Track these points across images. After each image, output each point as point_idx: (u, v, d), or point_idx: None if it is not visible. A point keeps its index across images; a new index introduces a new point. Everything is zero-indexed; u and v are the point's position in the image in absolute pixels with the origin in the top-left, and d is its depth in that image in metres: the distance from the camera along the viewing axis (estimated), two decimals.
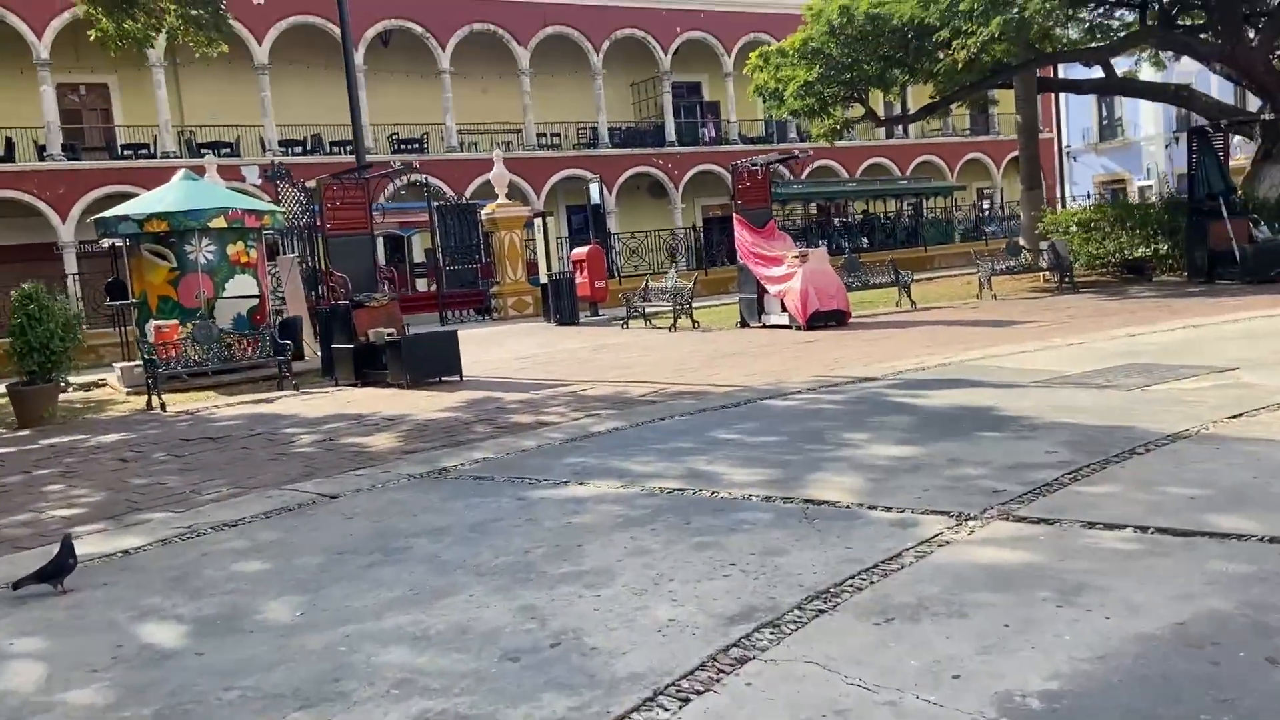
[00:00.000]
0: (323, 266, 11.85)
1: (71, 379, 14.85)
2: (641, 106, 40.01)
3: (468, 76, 34.92)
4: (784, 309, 14.78)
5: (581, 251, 20.01)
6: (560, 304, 18.38)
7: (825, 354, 11.32)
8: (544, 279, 19.28)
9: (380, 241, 28.75)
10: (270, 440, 8.44)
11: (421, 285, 27.14)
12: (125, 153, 29.25)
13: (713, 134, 40.42)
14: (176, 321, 13.50)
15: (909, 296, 16.48)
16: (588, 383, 10.44)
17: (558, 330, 17.94)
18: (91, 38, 14.69)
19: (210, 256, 13.92)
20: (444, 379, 11.46)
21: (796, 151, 15.00)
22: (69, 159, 28.08)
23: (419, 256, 29.87)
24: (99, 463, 8.02)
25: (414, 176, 23.18)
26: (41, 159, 27.68)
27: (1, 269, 24.40)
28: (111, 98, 30.59)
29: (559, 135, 36.65)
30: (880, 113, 22.90)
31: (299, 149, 31.96)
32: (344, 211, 11.91)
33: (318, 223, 20.23)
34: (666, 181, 38.14)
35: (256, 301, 14.17)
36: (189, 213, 13.57)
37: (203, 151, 29.74)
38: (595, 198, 23.21)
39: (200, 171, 21.49)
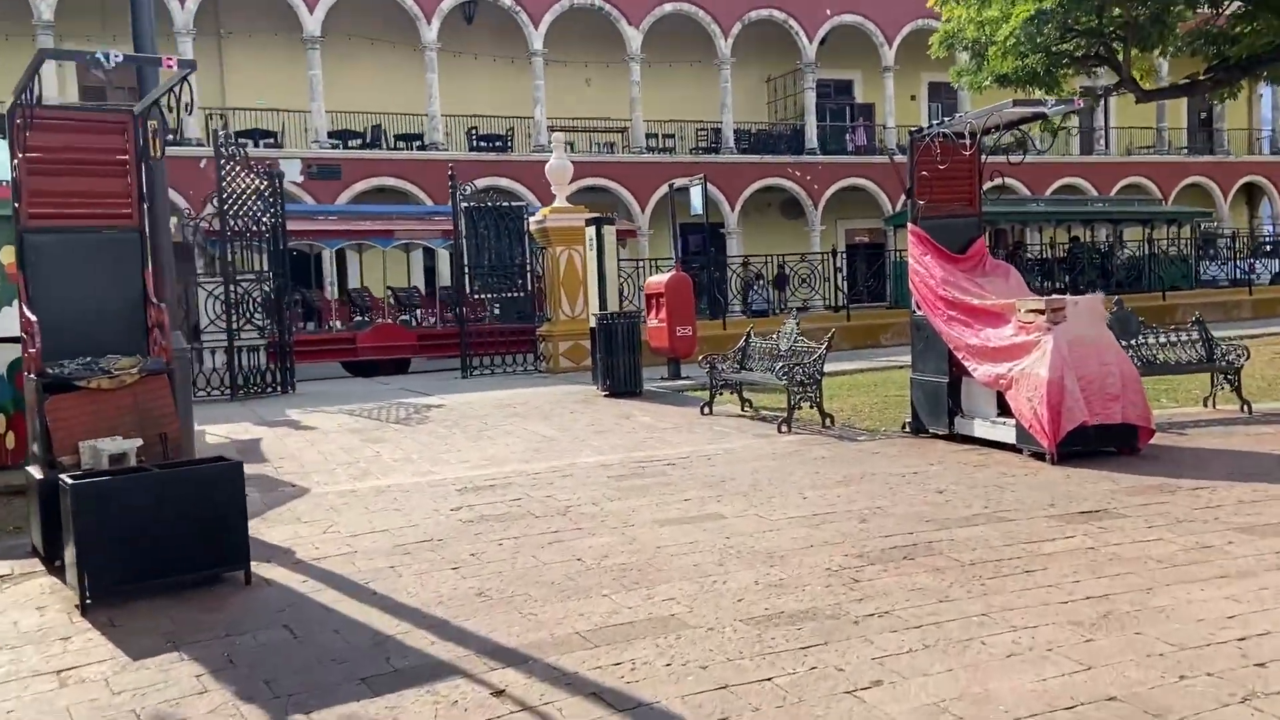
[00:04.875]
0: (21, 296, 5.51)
1: None
2: (777, 106, 33.03)
3: (567, 64, 28.83)
4: (1002, 411, 7.60)
5: (659, 281, 13.24)
6: (613, 362, 11.64)
7: (1198, 594, 4.08)
8: (593, 320, 12.57)
9: (427, 255, 22.72)
10: None
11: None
12: None
13: (863, 141, 33.03)
14: None
15: (1233, 387, 8.94)
16: (527, 673, 3.61)
17: (599, 408, 11.15)
18: None
19: None
20: (220, 572, 4.85)
21: (1050, 105, 7.72)
22: None
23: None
24: None
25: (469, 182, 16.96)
26: None
27: None
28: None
29: (673, 137, 30.07)
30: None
31: (356, 141, 26.47)
32: (65, 178, 5.50)
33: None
34: (804, 197, 31.01)
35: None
36: None
37: (242, 141, 24.62)
38: (696, 206, 16.43)
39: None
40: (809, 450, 7.98)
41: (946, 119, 8.12)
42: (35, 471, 5.30)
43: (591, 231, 12.77)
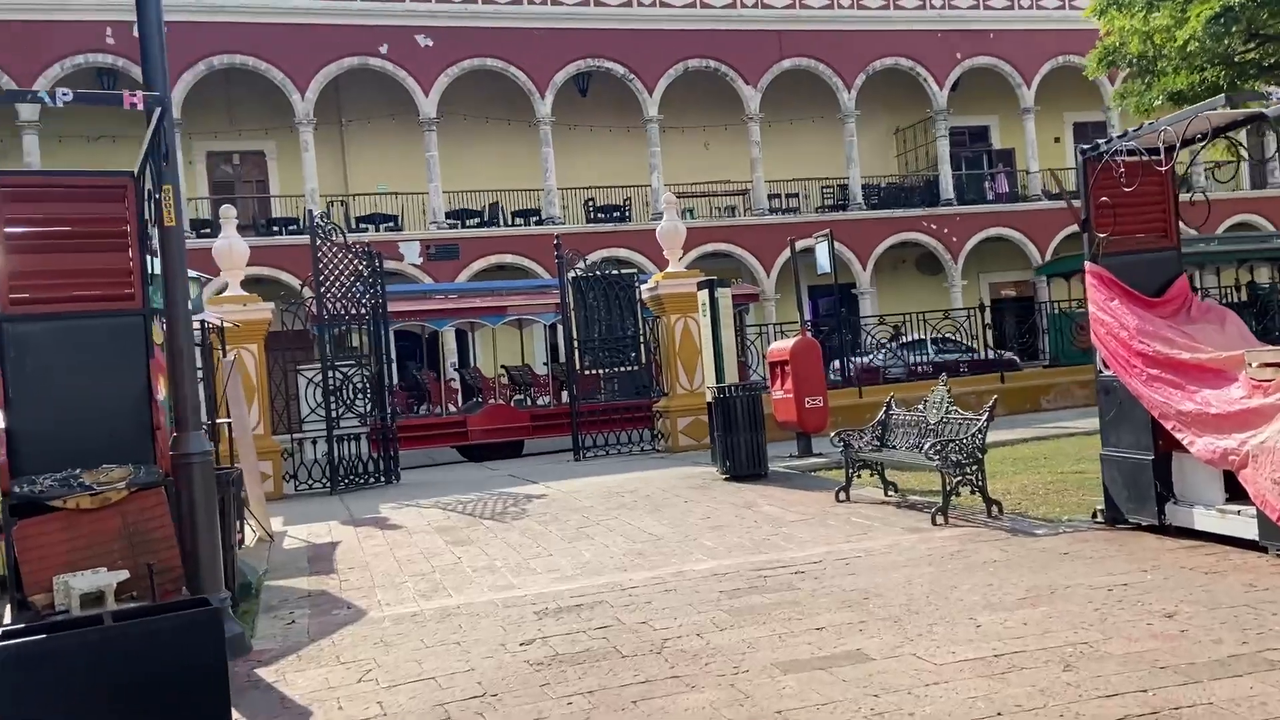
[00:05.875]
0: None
1: None
2: (908, 158, 31.35)
3: (684, 130, 28.10)
4: (1233, 495, 5.84)
5: (783, 347, 11.83)
6: (733, 440, 10.25)
7: None
8: (709, 394, 11.23)
9: (545, 331, 21.93)
10: None
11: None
12: (274, 229, 24.84)
13: (1004, 189, 30.89)
14: None
15: None
16: None
17: (716, 495, 9.75)
18: None
19: None
20: None
21: (1275, 99, 6.06)
22: (197, 236, 23.79)
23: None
24: None
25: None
26: None
27: None
28: (268, 167, 26.53)
29: (796, 196, 28.76)
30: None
31: (473, 220, 26.30)
32: (52, 255, 4.64)
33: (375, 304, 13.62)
34: (941, 251, 29.04)
35: None
36: None
37: (363, 226, 24.79)
38: (823, 264, 15.03)
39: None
40: (975, 550, 6.36)
41: (1130, 130, 6.52)
42: (6, 615, 4.33)
43: (704, 295, 11.53)
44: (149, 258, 4.90)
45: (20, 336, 4.58)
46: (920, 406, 8.30)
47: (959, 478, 7.29)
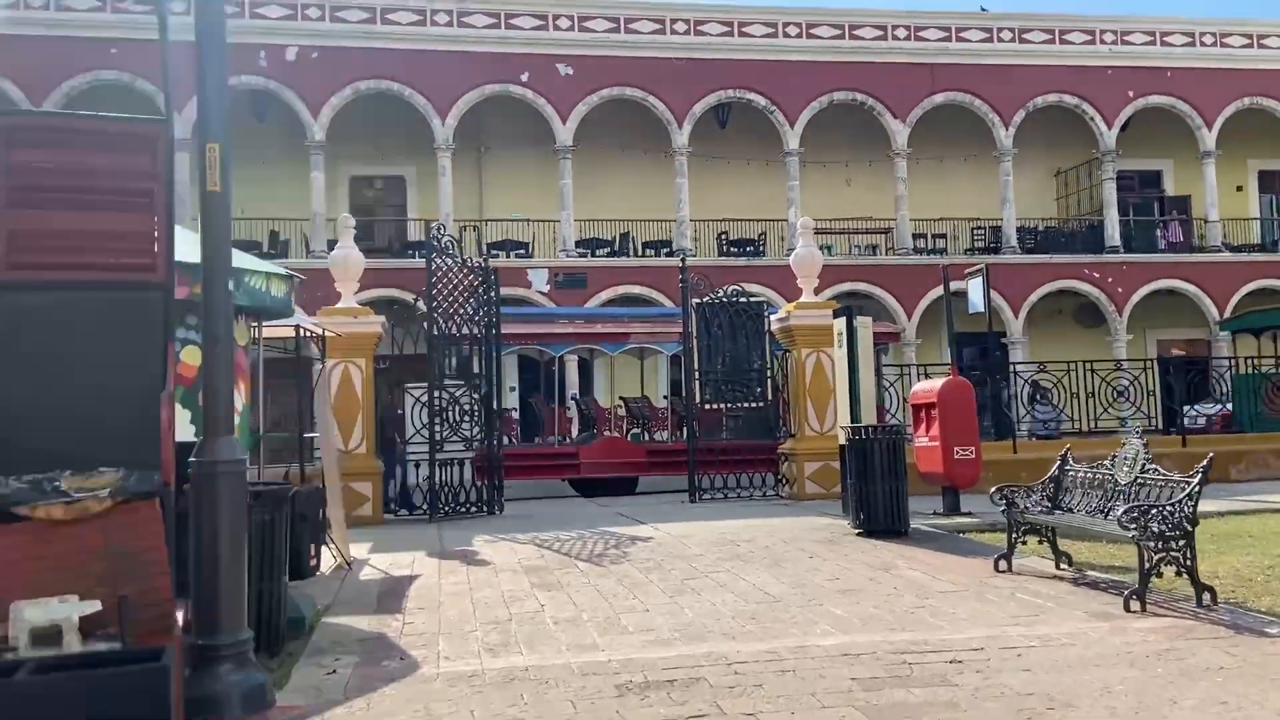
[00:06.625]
0: None
1: None
2: (1069, 202, 29.11)
3: (825, 165, 26.83)
4: None
5: (929, 388, 10.41)
6: (868, 490, 8.88)
7: None
8: (842, 436, 9.89)
9: (666, 363, 20.88)
10: None
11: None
12: (409, 252, 24.84)
13: (1178, 238, 28.25)
14: None
15: None
16: None
17: (848, 552, 8.39)
18: None
19: None
20: None
21: None
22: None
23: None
24: None
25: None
26: (308, 254, 23.87)
27: None
28: (407, 191, 26.68)
29: (944, 236, 26.99)
30: None
31: (603, 250, 25.71)
32: (58, 212, 3.90)
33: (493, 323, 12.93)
34: (1104, 301, 26.64)
35: None
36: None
37: (494, 253, 24.51)
38: (975, 303, 13.49)
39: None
40: (1190, 651, 4.89)
41: None
42: None
43: (841, 324, 10.26)
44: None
45: (15, 307, 3.85)
46: (1108, 463, 6.81)
47: (1161, 554, 5.79)
